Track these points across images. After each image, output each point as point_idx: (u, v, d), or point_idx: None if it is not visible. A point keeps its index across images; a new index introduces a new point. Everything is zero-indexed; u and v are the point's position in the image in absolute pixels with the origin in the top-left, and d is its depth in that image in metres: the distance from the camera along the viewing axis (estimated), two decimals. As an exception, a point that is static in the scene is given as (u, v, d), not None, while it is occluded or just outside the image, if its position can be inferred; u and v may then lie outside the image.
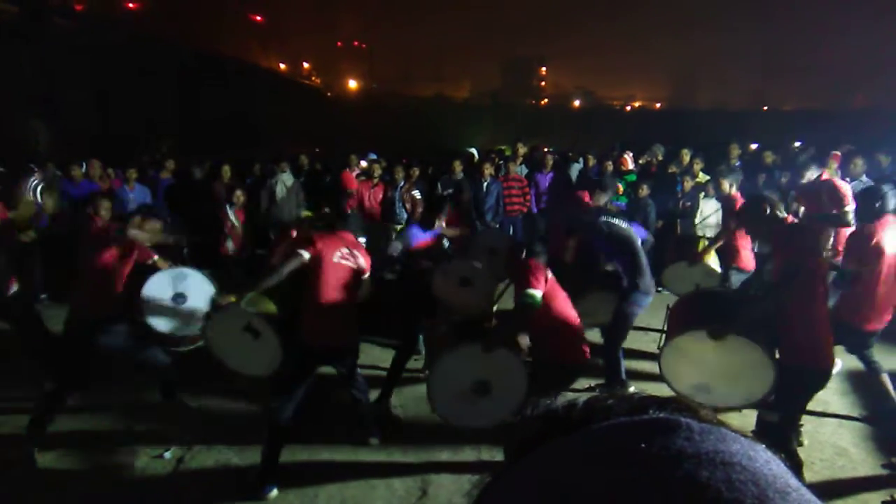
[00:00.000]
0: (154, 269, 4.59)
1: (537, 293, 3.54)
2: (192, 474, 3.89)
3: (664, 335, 3.87)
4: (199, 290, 4.60)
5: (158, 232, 4.37)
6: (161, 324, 4.57)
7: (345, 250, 3.80)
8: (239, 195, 6.82)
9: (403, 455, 4.05)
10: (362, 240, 6.20)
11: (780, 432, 3.41)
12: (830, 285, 4.19)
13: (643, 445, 0.38)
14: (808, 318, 3.25)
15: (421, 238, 5.20)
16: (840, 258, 4.69)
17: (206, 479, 3.85)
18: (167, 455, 4.04)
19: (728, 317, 3.33)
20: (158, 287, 4.54)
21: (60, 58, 20.70)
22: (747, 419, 3.70)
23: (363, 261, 3.91)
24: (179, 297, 4.54)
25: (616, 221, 4.63)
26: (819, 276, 3.24)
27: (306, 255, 3.65)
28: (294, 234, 5.23)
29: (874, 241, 3.92)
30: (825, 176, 5.65)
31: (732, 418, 3.78)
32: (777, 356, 3.37)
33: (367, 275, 3.96)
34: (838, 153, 7.28)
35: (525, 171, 9.46)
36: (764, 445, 0.41)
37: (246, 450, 4.05)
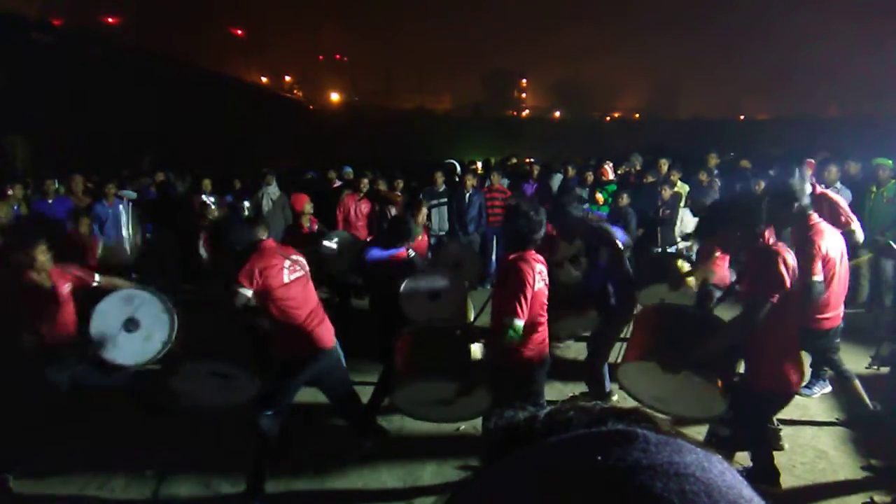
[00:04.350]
0: (103, 293, 4.22)
1: (520, 325, 3.27)
2: (174, 495, 3.82)
3: (624, 344, 3.82)
4: (151, 312, 4.20)
5: (45, 252, 4.03)
6: (119, 356, 4.13)
7: (287, 265, 3.65)
8: (213, 210, 6.78)
9: (389, 470, 4.02)
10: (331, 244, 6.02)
11: (731, 447, 3.44)
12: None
13: (599, 457, 0.39)
14: (775, 343, 3.21)
15: (378, 256, 4.90)
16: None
17: (188, 499, 3.78)
18: (148, 474, 3.97)
19: (686, 347, 3.23)
20: (107, 317, 4.12)
21: (38, 72, 20.49)
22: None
23: (305, 262, 3.80)
24: (130, 322, 4.13)
25: (606, 227, 4.65)
26: (787, 301, 3.15)
27: (248, 292, 3.51)
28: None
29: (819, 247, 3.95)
30: (818, 189, 5.33)
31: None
32: (740, 378, 3.38)
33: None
34: (812, 161, 7.42)
35: (507, 182, 9.59)
36: (720, 456, 0.41)
37: (230, 469, 3.98)
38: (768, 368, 3.25)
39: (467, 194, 8.26)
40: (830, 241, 3.90)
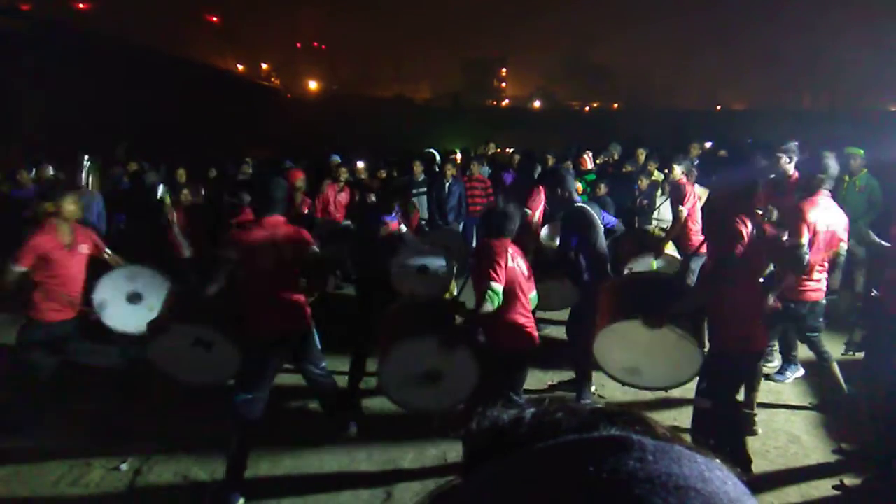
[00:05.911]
0: (106, 267, 4.47)
1: (498, 288, 3.47)
2: (151, 487, 3.77)
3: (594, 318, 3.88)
4: (153, 286, 4.49)
5: (75, 203, 4.27)
6: (119, 324, 4.43)
7: (269, 245, 3.63)
8: (185, 193, 6.65)
9: (368, 458, 4.01)
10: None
11: (717, 420, 3.50)
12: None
13: (592, 468, 0.36)
14: (739, 305, 3.33)
15: (390, 219, 4.95)
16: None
17: (165, 492, 3.74)
18: (123, 467, 3.92)
19: (662, 305, 3.40)
20: (112, 286, 4.40)
21: (5, 58, 19.92)
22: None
23: (289, 247, 3.70)
24: (135, 295, 4.42)
25: (589, 209, 4.67)
26: (749, 264, 3.30)
27: (234, 255, 3.56)
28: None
29: (807, 216, 4.06)
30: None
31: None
32: (708, 342, 3.48)
33: (312, 251, 3.83)
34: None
35: (488, 171, 9.59)
36: (719, 461, 0.39)
37: (207, 459, 3.95)
38: (734, 330, 3.35)
39: (447, 184, 8.23)
40: (821, 215, 4.06)
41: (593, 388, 4.80)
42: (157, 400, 4.58)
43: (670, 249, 5.66)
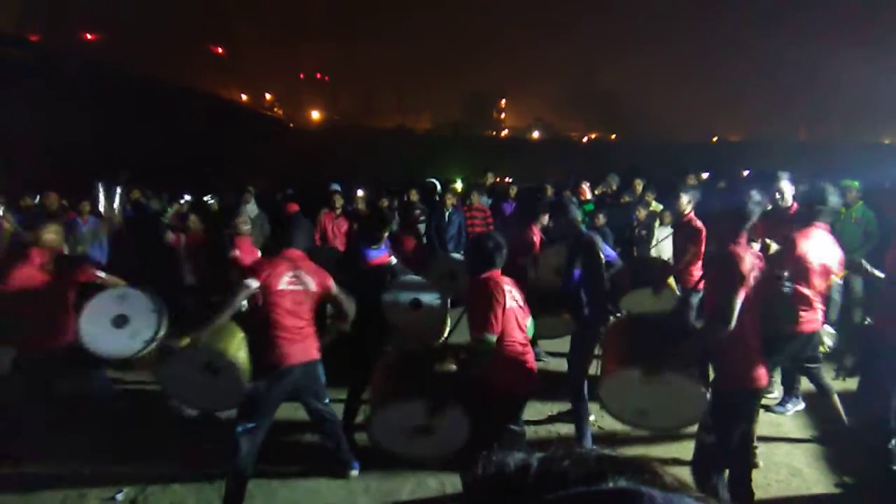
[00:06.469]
0: (100, 288, 4.33)
1: (492, 339, 3.37)
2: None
3: (600, 360, 3.83)
4: (141, 311, 4.26)
5: (56, 233, 4.26)
6: (101, 346, 4.19)
7: (290, 275, 3.67)
8: (194, 220, 6.69)
9: (366, 490, 3.97)
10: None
11: (720, 454, 3.46)
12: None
13: None
14: (740, 342, 3.26)
15: (374, 256, 4.86)
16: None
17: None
18: (119, 497, 3.88)
19: (662, 351, 3.30)
20: (98, 309, 4.21)
21: (13, 88, 20.22)
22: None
23: (311, 281, 3.76)
24: (121, 318, 4.22)
25: (598, 240, 4.65)
26: (750, 300, 3.24)
27: (255, 284, 3.55)
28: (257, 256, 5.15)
29: (799, 248, 4.05)
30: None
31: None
32: (711, 379, 3.45)
33: (334, 291, 3.88)
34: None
35: (488, 201, 9.66)
36: None
37: (203, 489, 3.92)
38: (736, 367, 3.29)
39: (447, 213, 8.28)
40: (814, 247, 4.03)
41: (592, 419, 4.76)
42: (152, 430, 4.55)
43: (670, 282, 5.63)
